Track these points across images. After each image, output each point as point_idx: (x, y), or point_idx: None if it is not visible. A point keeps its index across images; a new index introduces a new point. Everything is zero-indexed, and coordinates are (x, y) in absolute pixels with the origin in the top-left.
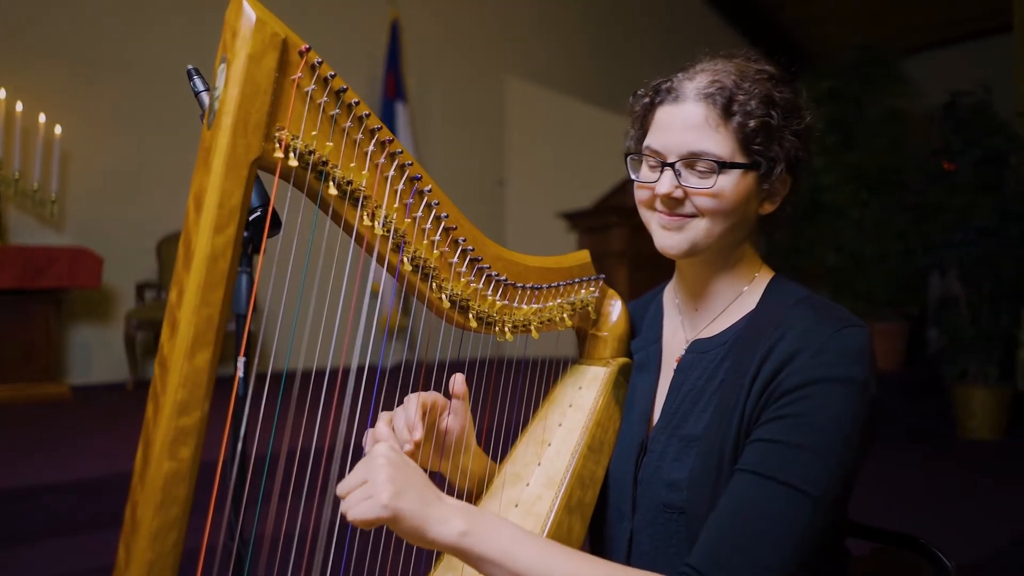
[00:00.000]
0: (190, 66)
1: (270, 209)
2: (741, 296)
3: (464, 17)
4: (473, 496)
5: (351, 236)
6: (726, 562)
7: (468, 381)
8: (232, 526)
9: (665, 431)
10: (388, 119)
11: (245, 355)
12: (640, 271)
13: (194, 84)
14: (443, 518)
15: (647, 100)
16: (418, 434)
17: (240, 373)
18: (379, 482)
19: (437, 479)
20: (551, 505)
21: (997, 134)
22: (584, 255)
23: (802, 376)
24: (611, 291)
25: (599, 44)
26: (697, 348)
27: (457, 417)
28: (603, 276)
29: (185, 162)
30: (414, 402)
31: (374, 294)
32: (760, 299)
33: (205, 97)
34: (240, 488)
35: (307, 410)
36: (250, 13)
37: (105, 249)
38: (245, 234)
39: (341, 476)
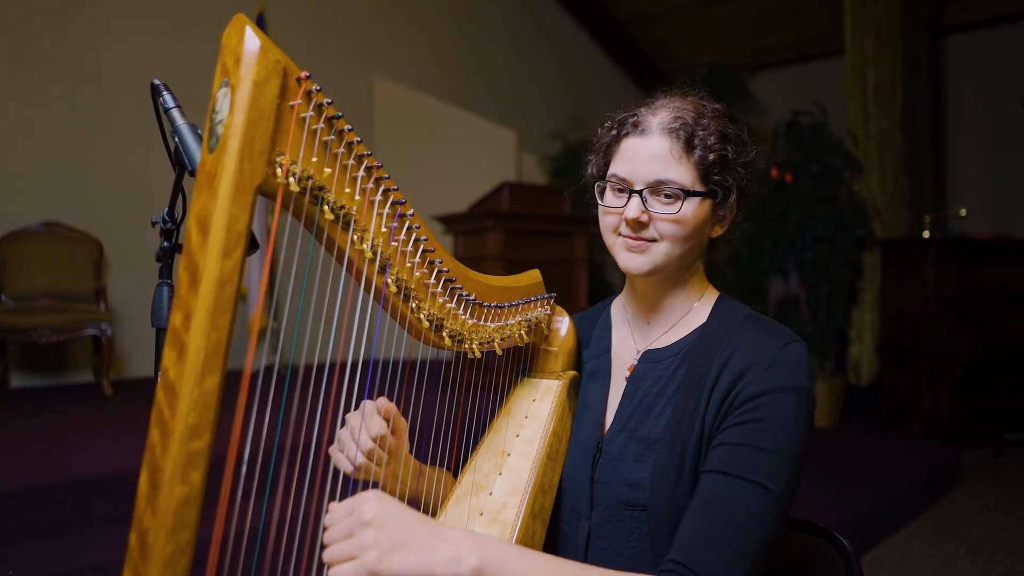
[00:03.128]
0: (157, 81)
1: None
2: (692, 311)
3: (333, 14)
4: (418, 503)
5: (339, 260)
6: (707, 553)
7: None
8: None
9: (621, 434)
10: None
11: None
12: (516, 273)
13: (164, 100)
14: (453, 559)
15: (613, 132)
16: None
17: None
18: (364, 543)
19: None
20: (517, 512)
21: (832, 150)
22: (535, 274)
23: (758, 386)
24: (559, 308)
25: (467, 50)
26: (649, 358)
27: (398, 433)
28: (555, 295)
29: (23, 160)
30: (372, 410)
31: (243, 297)
32: (710, 314)
33: (177, 114)
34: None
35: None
36: (254, 40)
37: None
38: (166, 244)
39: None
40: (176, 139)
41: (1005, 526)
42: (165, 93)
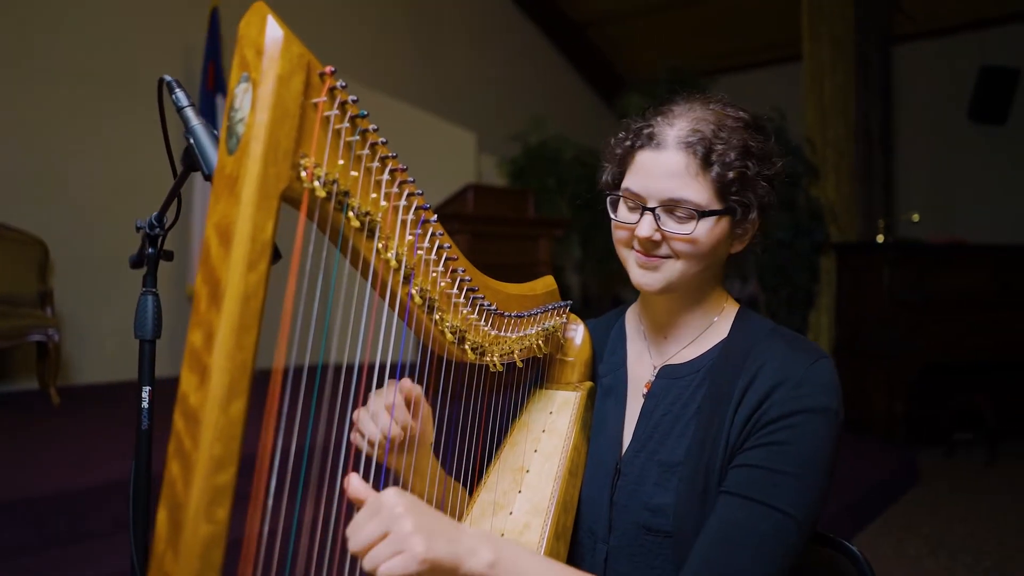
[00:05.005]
0: (168, 77)
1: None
2: (712, 326)
3: (288, 12)
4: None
5: (363, 271)
6: None
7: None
8: (134, 558)
9: (640, 455)
10: (208, 113)
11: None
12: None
13: (177, 98)
14: (472, 550)
15: (628, 143)
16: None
17: (145, 404)
18: (406, 534)
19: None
20: (541, 534)
21: (790, 156)
22: (550, 281)
23: (784, 407)
24: (573, 316)
25: (424, 49)
26: (668, 374)
27: (419, 419)
28: (570, 302)
29: None
30: (393, 390)
31: (190, 298)
32: (731, 329)
33: (191, 113)
34: (148, 514)
35: None
36: (276, 30)
37: None
38: (151, 250)
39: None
40: (190, 140)
41: (963, 523)
42: (178, 90)
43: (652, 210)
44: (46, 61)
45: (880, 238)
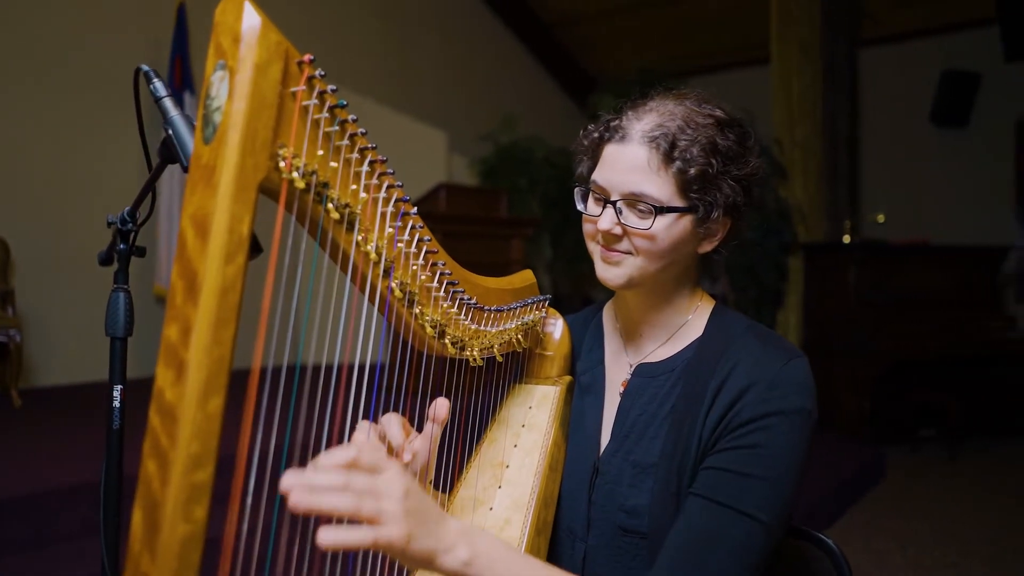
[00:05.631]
0: (146, 67)
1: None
2: (686, 324)
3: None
4: None
5: (342, 265)
6: None
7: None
8: (105, 560)
9: (617, 455)
10: None
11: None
12: None
13: (154, 88)
14: (449, 547)
15: (596, 136)
16: (408, 455)
17: (116, 403)
18: (393, 513)
19: None
20: (522, 529)
21: (759, 157)
22: (528, 275)
23: (757, 409)
24: (552, 310)
25: (394, 48)
26: (643, 372)
27: (425, 442)
28: (549, 297)
29: None
30: (396, 421)
31: (161, 299)
32: (706, 327)
33: (169, 104)
34: (118, 515)
35: None
36: (253, 17)
37: None
38: (122, 246)
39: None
40: (169, 131)
41: (927, 520)
42: (156, 80)
43: (614, 203)
44: (6, 57)
45: (846, 238)
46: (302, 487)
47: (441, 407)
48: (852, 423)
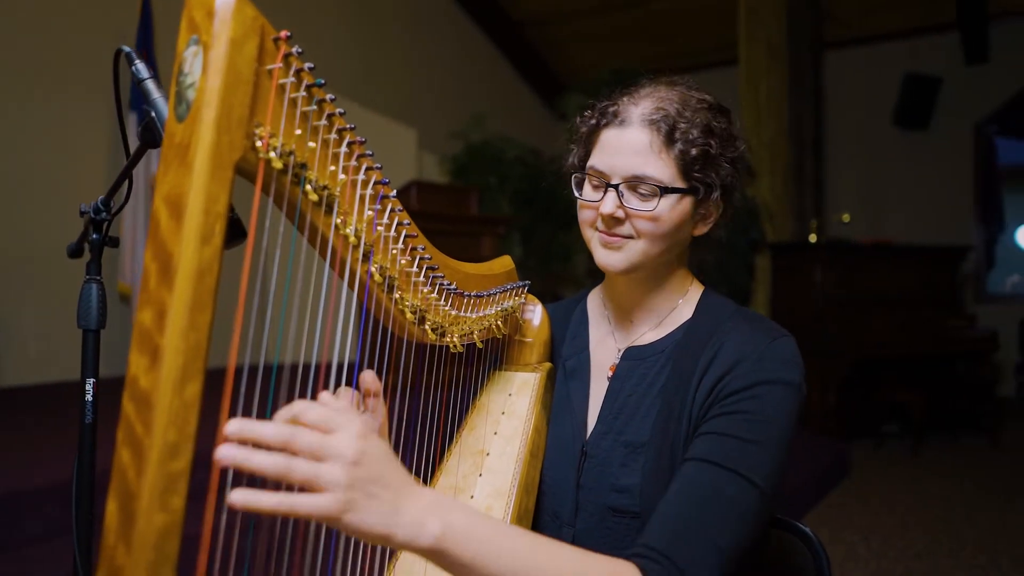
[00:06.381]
0: (127, 48)
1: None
2: (677, 308)
3: None
4: None
5: (321, 249)
6: (683, 542)
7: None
8: (77, 557)
9: (607, 437)
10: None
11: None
12: None
13: (136, 70)
14: (414, 522)
15: (592, 121)
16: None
17: (89, 396)
18: (332, 479)
19: None
20: (503, 517)
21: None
22: (507, 261)
23: (747, 379)
24: (531, 296)
25: (363, 45)
26: (633, 355)
27: (376, 415)
28: (528, 283)
29: None
30: (346, 395)
31: (124, 297)
32: (695, 310)
33: (152, 86)
34: (90, 514)
35: None
36: None
37: None
38: (95, 236)
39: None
40: (153, 113)
41: (892, 512)
42: (138, 62)
43: (616, 187)
44: None
45: (812, 238)
46: (235, 438)
47: (369, 378)
48: (819, 419)
